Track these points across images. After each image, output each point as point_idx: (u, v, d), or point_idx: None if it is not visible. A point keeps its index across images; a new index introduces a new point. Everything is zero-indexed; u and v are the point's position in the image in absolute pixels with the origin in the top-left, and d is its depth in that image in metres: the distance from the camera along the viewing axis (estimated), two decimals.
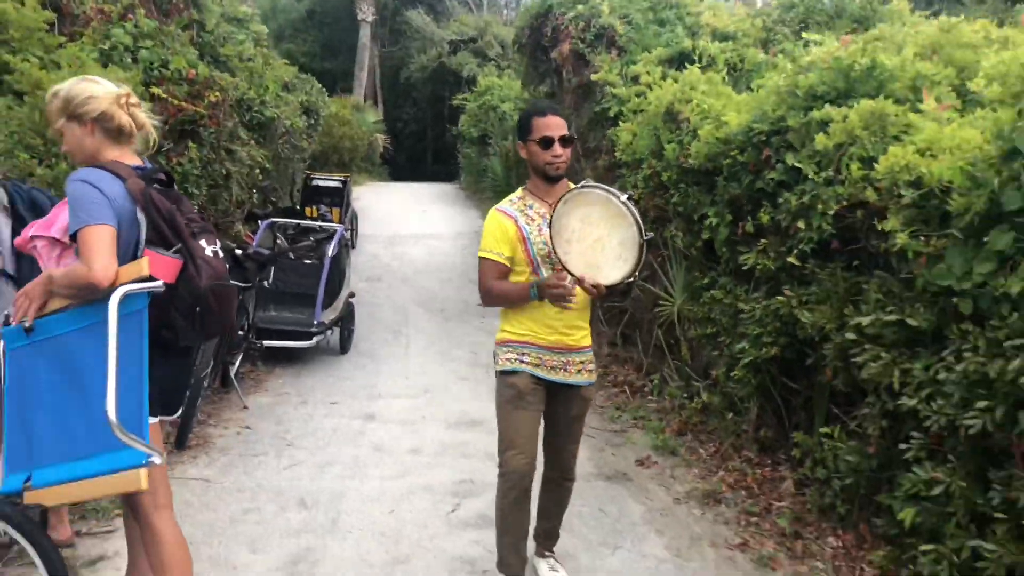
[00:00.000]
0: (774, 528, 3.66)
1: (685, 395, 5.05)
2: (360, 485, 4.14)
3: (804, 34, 6.66)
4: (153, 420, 2.38)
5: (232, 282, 3.13)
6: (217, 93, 5.76)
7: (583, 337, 2.96)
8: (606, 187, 2.57)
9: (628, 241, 2.51)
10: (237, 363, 5.61)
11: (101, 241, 2.25)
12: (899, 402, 2.94)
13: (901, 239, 2.92)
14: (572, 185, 2.85)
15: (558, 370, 2.93)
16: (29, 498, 2.33)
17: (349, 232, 10.10)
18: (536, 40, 7.93)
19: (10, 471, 2.39)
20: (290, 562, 3.35)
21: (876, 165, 3.13)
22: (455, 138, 19.56)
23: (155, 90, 5.14)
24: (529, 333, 2.90)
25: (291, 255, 6.67)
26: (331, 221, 9.00)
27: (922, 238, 2.91)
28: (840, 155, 3.42)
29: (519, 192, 2.97)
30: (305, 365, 6.34)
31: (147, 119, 2.55)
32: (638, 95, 5.84)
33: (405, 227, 12.82)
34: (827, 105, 3.60)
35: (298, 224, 7.39)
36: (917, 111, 3.33)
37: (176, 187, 2.66)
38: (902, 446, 2.97)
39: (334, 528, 3.66)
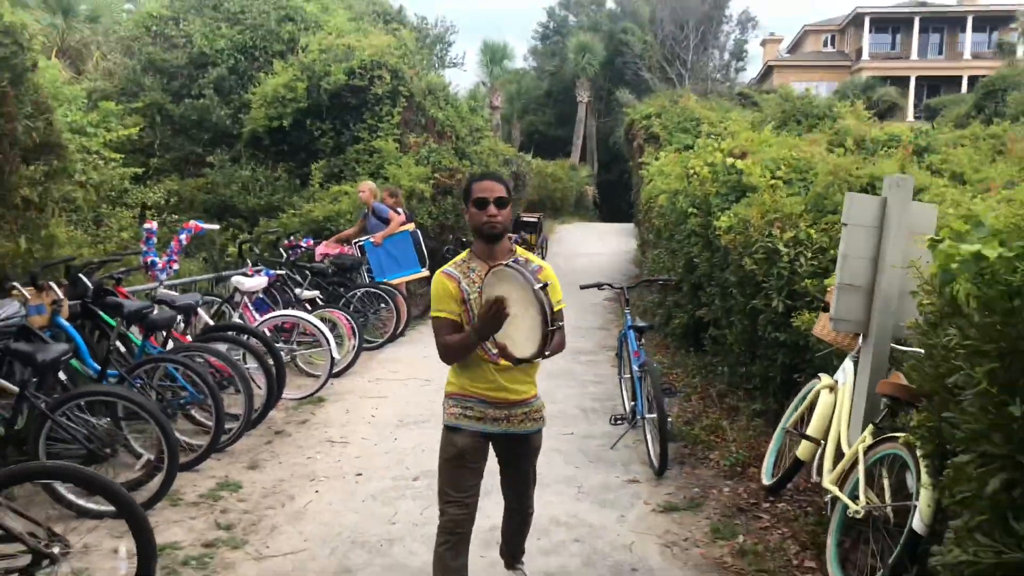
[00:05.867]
0: None
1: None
2: None
3: (778, 129, 12.44)
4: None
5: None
6: (461, 173, 12.84)
7: (527, 390, 3.05)
8: (526, 273, 2.68)
9: (536, 327, 2.65)
10: None
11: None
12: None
13: (660, 223, 9.03)
14: (517, 248, 3.15)
15: (501, 421, 3.01)
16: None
17: (541, 249, 16.97)
18: (627, 136, 14.34)
19: (377, 277, 9.47)
20: None
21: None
22: None
23: (435, 175, 12.27)
24: (472, 387, 2.99)
25: None
26: (529, 243, 15.97)
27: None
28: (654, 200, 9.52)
29: (464, 254, 3.08)
30: None
31: (383, 193, 9.61)
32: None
33: (583, 248, 19.49)
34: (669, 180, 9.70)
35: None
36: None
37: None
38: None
39: None
